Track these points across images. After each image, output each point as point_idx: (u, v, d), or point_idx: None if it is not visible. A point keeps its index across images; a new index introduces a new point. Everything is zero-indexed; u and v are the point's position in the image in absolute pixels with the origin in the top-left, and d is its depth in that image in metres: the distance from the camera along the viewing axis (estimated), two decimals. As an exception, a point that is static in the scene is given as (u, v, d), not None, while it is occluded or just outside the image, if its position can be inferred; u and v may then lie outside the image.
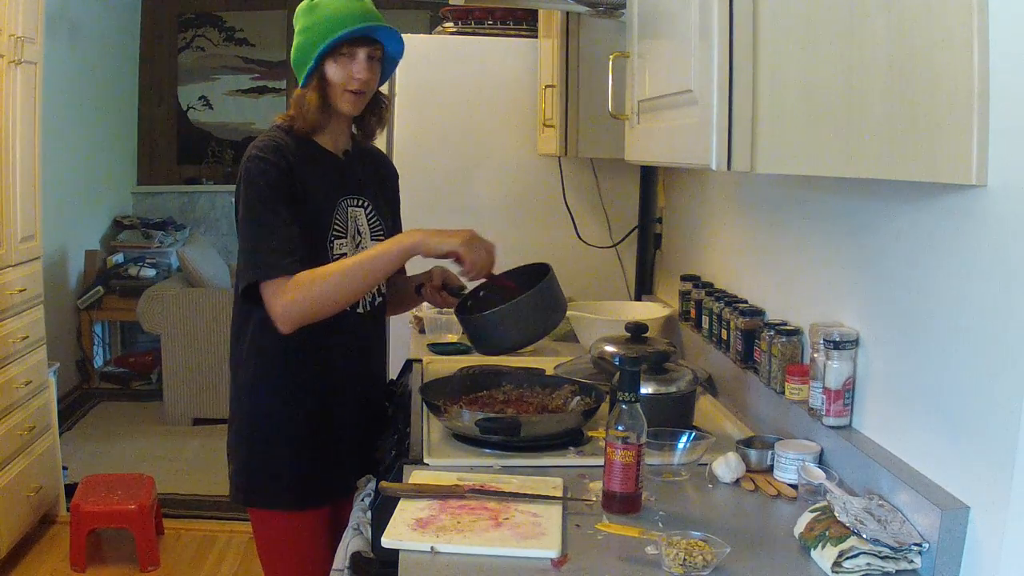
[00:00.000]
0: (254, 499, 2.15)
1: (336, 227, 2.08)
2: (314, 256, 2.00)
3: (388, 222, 2.24)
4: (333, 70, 2.03)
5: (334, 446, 2.15)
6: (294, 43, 2.08)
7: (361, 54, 2.04)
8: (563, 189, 3.36)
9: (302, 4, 2.09)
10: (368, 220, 2.17)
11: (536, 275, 2.15)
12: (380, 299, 2.24)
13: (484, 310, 2.09)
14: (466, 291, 2.19)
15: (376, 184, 2.24)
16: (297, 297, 1.91)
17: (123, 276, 6.08)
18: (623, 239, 3.42)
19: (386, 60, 2.13)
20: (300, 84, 2.07)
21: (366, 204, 2.17)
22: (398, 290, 2.35)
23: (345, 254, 2.08)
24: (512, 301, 2.06)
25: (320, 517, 2.16)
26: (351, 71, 2.04)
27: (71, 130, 5.67)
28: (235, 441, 2.16)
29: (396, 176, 2.38)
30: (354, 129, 2.22)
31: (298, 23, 2.08)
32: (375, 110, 2.18)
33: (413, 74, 3.34)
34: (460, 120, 3.37)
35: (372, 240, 2.16)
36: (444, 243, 1.99)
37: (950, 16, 1.33)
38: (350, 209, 2.13)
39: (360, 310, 2.15)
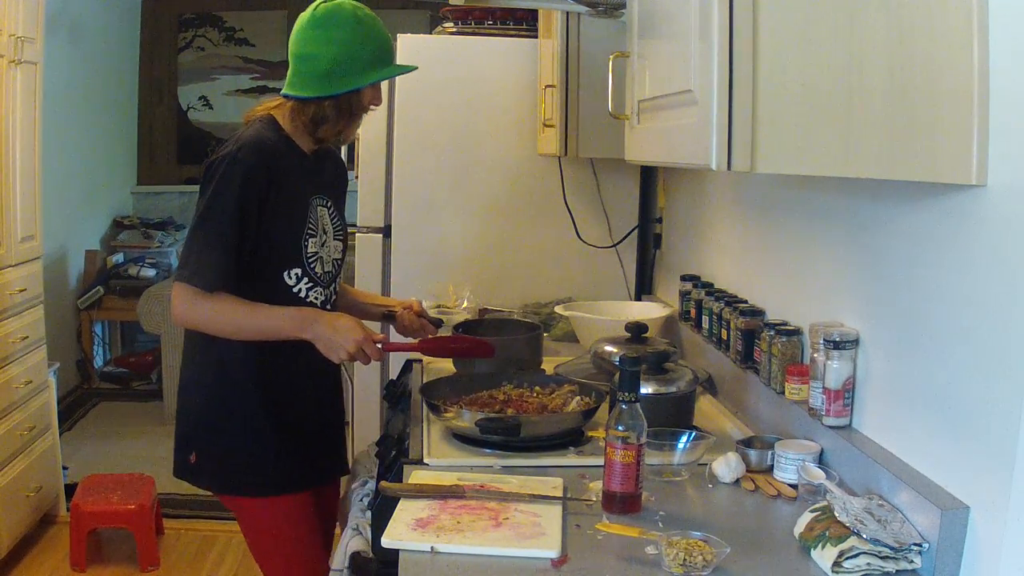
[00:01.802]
0: (235, 488, 2.18)
1: (310, 226, 2.13)
2: (288, 253, 2.08)
3: (343, 220, 2.30)
4: (368, 97, 2.14)
5: (307, 433, 2.19)
6: (331, 51, 2.05)
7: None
8: (563, 189, 3.36)
9: (342, 10, 2.07)
10: (331, 220, 2.23)
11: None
12: (335, 296, 2.29)
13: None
14: (443, 323, 2.55)
15: (336, 183, 2.30)
16: (198, 314, 2.02)
17: (123, 276, 6.08)
18: (623, 239, 3.42)
19: None
20: (328, 93, 2.07)
21: (328, 203, 2.22)
22: (357, 311, 2.41)
23: (317, 253, 2.14)
24: (500, 336, 2.55)
25: (300, 502, 2.18)
26: (375, 99, 2.16)
27: (71, 130, 5.67)
28: (198, 430, 2.19)
29: (346, 172, 2.43)
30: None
31: (337, 30, 2.05)
32: None
33: (413, 74, 3.33)
34: (460, 120, 3.37)
35: (334, 240, 2.22)
36: (332, 353, 2.04)
37: (950, 16, 1.33)
38: (319, 208, 2.18)
39: (329, 305, 2.21)
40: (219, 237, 1.99)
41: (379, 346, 2.07)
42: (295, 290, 2.12)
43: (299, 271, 2.11)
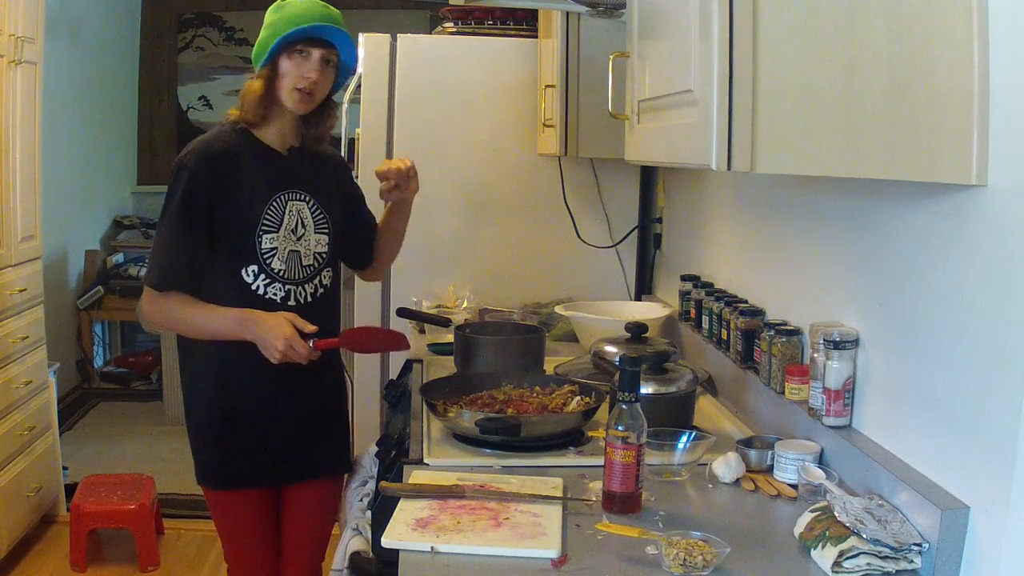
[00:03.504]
0: (197, 476, 2.30)
1: (266, 222, 2.16)
2: (241, 250, 2.13)
3: (336, 215, 2.32)
4: (287, 66, 2.13)
5: (251, 434, 2.23)
6: (260, 35, 2.16)
7: (316, 54, 2.14)
8: (563, 189, 3.36)
9: (273, 4, 2.18)
10: (312, 214, 2.25)
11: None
12: (323, 290, 2.28)
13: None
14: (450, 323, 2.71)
15: (322, 180, 2.30)
16: (155, 313, 2.17)
17: (123, 276, 6.08)
18: (623, 239, 3.42)
19: (342, 69, 2.22)
20: (256, 71, 2.17)
21: (308, 199, 2.24)
22: (386, 240, 2.54)
23: (275, 248, 2.17)
24: (502, 336, 2.61)
25: (247, 498, 2.27)
26: (303, 70, 2.13)
27: (71, 130, 5.67)
28: (187, 424, 2.32)
29: (347, 171, 2.46)
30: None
31: (266, 19, 2.17)
32: (325, 115, 2.26)
33: (413, 74, 3.34)
34: (460, 120, 3.37)
35: (316, 233, 2.25)
36: (268, 355, 2.10)
37: (950, 16, 1.33)
38: (290, 203, 2.21)
39: (291, 303, 2.20)
40: (168, 240, 2.11)
41: (311, 343, 2.10)
42: (253, 287, 2.16)
43: (255, 268, 2.16)
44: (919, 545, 1.42)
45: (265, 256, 2.16)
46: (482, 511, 1.63)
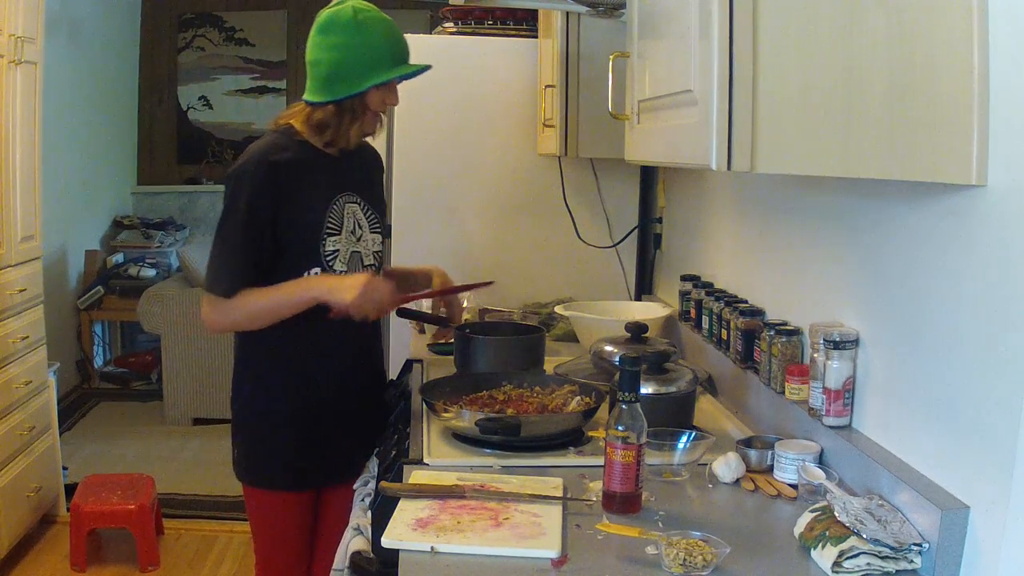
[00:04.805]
0: (249, 479, 2.30)
1: (329, 225, 2.18)
2: (305, 254, 2.15)
3: (382, 213, 2.36)
4: (376, 98, 2.16)
5: (324, 435, 2.24)
6: (331, 56, 2.11)
7: (396, 83, 2.19)
8: (563, 189, 3.36)
9: (341, 15, 2.11)
10: (365, 214, 2.28)
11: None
12: None
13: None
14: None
15: (368, 177, 2.35)
16: (226, 318, 2.16)
17: (123, 276, 6.08)
18: (623, 239, 3.42)
19: None
20: (330, 98, 2.13)
21: (359, 200, 2.27)
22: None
23: (337, 251, 2.19)
24: (502, 336, 2.59)
25: (306, 499, 2.29)
26: (387, 99, 2.18)
27: (71, 130, 5.67)
28: (236, 426, 2.31)
29: (380, 163, 2.48)
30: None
31: (336, 35, 2.11)
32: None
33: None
34: (460, 120, 3.37)
35: (371, 233, 2.29)
36: (340, 298, 2.10)
37: (950, 16, 1.33)
38: (347, 206, 2.23)
39: None
40: (232, 248, 2.12)
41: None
42: None
43: (318, 270, 2.18)
44: (919, 545, 1.42)
45: (328, 258, 2.18)
46: (482, 511, 1.63)
